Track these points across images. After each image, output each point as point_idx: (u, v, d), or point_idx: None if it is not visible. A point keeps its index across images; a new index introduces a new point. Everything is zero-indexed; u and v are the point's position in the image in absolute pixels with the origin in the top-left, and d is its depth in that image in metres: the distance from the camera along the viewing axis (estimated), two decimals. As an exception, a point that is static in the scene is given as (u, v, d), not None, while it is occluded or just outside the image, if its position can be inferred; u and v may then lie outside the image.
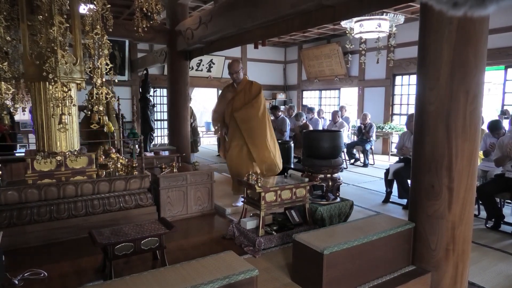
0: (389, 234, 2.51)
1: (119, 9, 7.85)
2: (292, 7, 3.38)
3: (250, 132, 3.88)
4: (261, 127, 3.90)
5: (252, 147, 3.88)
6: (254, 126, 3.89)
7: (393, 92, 9.53)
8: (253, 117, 3.90)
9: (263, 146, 3.89)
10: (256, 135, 3.89)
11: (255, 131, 3.89)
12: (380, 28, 5.59)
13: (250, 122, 3.89)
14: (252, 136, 3.89)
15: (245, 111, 3.92)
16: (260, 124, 3.89)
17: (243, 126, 3.88)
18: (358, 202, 4.82)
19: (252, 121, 3.89)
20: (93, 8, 3.21)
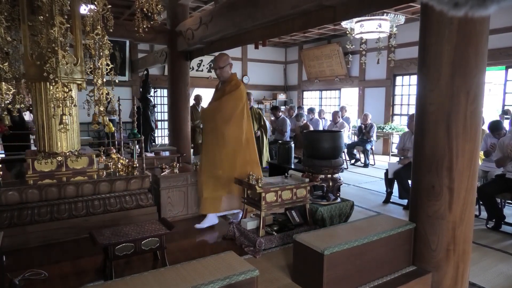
0: (390, 235, 2.51)
1: (120, 9, 7.86)
2: (293, 7, 3.38)
3: (214, 135, 3.31)
4: (229, 133, 3.25)
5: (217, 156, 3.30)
6: (212, 131, 3.31)
7: (393, 92, 9.52)
8: (210, 119, 3.33)
9: (229, 158, 3.29)
10: (223, 142, 3.26)
11: (216, 137, 3.28)
12: (381, 28, 5.59)
13: (206, 124, 3.38)
14: (216, 143, 3.29)
15: (210, 107, 3.40)
16: (229, 128, 3.25)
17: (213, 139, 3.32)
18: (358, 203, 4.82)
19: (208, 123, 3.36)
20: (94, 8, 3.21)
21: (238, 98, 3.29)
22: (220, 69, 3.38)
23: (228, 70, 3.40)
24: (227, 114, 3.24)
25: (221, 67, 3.38)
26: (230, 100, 3.26)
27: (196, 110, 7.88)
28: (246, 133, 3.37)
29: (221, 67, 3.38)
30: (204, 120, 3.47)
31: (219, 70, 3.39)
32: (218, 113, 3.26)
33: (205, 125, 3.36)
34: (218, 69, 3.39)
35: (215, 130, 3.27)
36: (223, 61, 3.40)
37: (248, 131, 3.40)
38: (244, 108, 3.34)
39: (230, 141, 3.25)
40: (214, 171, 3.30)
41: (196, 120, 7.60)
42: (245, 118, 3.33)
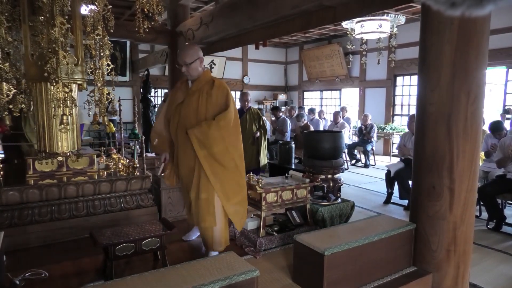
0: (390, 235, 2.51)
1: (120, 10, 7.87)
2: (293, 7, 3.38)
3: (212, 161, 2.55)
4: (230, 152, 2.61)
5: (216, 181, 2.57)
6: (220, 153, 2.55)
7: (394, 92, 9.52)
8: (218, 140, 2.53)
9: (232, 177, 2.64)
10: (224, 165, 2.58)
11: (222, 159, 2.57)
12: (381, 28, 5.59)
13: (213, 147, 2.52)
14: (215, 167, 2.56)
15: (206, 131, 2.52)
16: (229, 148, 2.59)
17: (201, 152, 2.52)
18: (359, 203, 4.82)
19: (217, 145, 2.52)
20: (95, 9, 3.22)
21: (234, 102, 2.67)
22: (186, 66, 2.60)
23: (197, 66, 2.63)
24: (236, 128, 2.66)
25: (188, 64, 2.60)
26: (233, 109, 2.62)
27: None
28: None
29: (188, 64, 2.60)
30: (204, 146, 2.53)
31: (186, 67, 2.61)
32: (226, 131, 2.55)
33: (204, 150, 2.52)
34: (184, 66, 2.60)
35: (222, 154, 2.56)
36: (190, 55, 2.60)
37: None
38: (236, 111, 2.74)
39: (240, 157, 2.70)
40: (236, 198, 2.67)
41: None
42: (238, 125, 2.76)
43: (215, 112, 2.57)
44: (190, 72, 2.64)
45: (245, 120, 5.31)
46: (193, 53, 2.63)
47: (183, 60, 2.61)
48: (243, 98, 5.53)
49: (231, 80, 11.67)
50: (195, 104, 2.60)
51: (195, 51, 2.66)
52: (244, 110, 5.41)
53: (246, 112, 5.42)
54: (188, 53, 2.63)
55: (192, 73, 2.65)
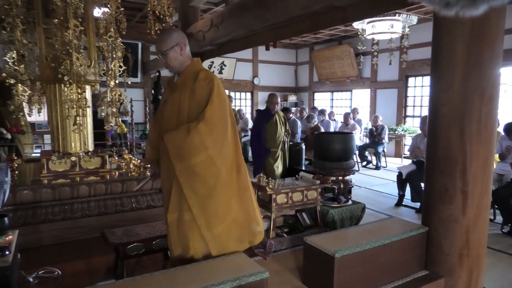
0: (402, 238, 2.48)
1: (132, 12, 7.96)
2: (303, 8, 3.37)
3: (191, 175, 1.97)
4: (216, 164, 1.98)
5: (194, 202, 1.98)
6: (201, 165, 1.96)
7: (406, 93, 9.42)
8: (199, 149, 1.94)
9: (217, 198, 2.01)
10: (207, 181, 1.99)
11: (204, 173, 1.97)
12: (393, 29, 5.54)
13: (192, 158, 1.94)
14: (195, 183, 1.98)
15: (183, 136, 1.95)
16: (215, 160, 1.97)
17: (178, 164, 1.98)
18: (370, 205, 4.77)
19: (197, 155, 1.94)
20: (107, 11, 3.27)
21: (224, 98, 2.06)
22: (163, 56, 2.10)
23: (177, 55, 2.07)
24: (221, 132, 2.01)
25: (164, 52, 2.08)
26: (219, 107, 2.00)
27: None
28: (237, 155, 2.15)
29: (164, 52, 2.08)
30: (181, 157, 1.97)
31: (163, 57, 2.12)
32: (209, 137, 1.95)
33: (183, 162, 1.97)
34: (161, 55, 2.12)
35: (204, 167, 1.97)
36: (165, 42, 2.07)
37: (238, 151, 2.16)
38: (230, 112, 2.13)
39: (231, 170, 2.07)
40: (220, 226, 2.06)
41: None
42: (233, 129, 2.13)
43: (199, 113, 1.98)
44: (168, 62, 2.10)
45: (274, 124, 5.04)
46: (168, 39, 2.06)
47: (158, 48, 2.12)
48: (272, 101, 5.14)
49: (241, 81, 11.69)
50: (177, 104, 2.07)
51: (171, 35, 2.08)
52: (272, 113, 5.11)
53: (275, 115, 5.12)
54: (163, 39, 2.09)
55: (172, 64, 2.10)
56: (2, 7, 2.95)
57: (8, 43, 3.08)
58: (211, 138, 1.96)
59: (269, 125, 5.01)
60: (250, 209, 2.16)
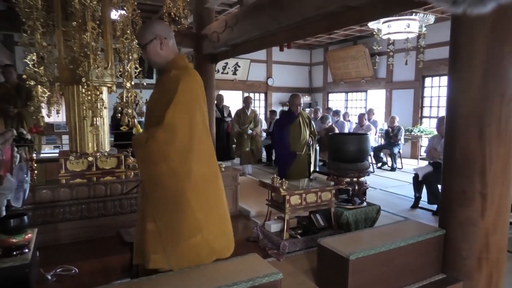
0: (418, 241, 2.44)
1: (148, 14, 8.06)
2: (318, 9, 3.35)
3: (155, 186, 1.83)
4: (178, 177, 1.78)
5: (158, 215, 1.82)
6: (161, 176, 1.79)
7: (422, 94, 9.26)
8: (158, 158, 1.77)
9: (179, 214, 1.81)
10: (169, 193, 1.81)
11: (166, 185, 1.80)
12: (409, 28, 5.45)
13: (152, 167, 1.80)
14: (159, 194, 1.82)
15: (143, 142, 1.81)
16: (177, 172, 1.78)
17: (142, 170, 1.90)
18: (385, 207, 4.71)
19: (156, 165, 1.78)
20: (124, 13, 3.32)
21: (192, 99, 1.79)
22: (143, 51, 1.92)
23: (156, 49, 1.86)
24: (186, 140, 1.76)
25: (143, 46, 1.90)
26: (183, 110, 1.75)
27: (245, 113, 6.94)
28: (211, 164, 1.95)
29: (143, 46, 1.90)
30: (144, 163, 1.85)
31: (143, 51, 1.93)
32: (169, 146, 1.74)
33: (146, 170, 1.85)
34: (142, 50, 1.95)
35: (165, 179, 1.79)
36: (142, 36, 1.90)
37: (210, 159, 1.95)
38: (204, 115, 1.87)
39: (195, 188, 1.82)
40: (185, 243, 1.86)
41: (243, 125, 6.80)
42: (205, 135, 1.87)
43: None
44: (148, 57, 1.91)
45: (298, 125, 4.75)
46: (146, 32, 1.87)
47: (139, 41, 1.95)
48: (294, 102, 4.83)
49: (255, 82, 11.70)
50: (152, 103, 1.91)
51: (149, 28, 1.89)
52: (295, 114, 4.81)
53: (298, 116, 4.81)
54: (140, 32, 1.95)
55: (152, 59, 1.91)
56: (23, 10, 3.02)
57: (29, 45, 3.16)
58: (171, 147, 1.74)
59: (292, 127, 4.74)
60: (222, 224, 1.96)
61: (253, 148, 6.70)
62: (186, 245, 1.85)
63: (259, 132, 6.86)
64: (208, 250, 1.91)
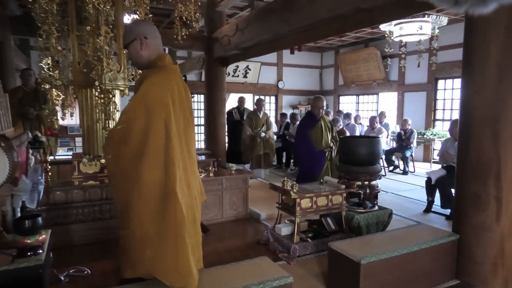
0: (431, 246, 2.40)
1: (160, 18, 8.15)
2: (329, 11, 3.35)
3: (113, 189, 1.86)
4: (127, 188, 1.69)
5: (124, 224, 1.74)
6: (117, 185, 1.77)
7: (435, 96, 9.14)
8: (112, 164, 1.78)
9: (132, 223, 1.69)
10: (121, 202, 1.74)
11: (124, 194, 1.72)
12: (422, 30, 5.39)
13: (109, 172, 1.90)
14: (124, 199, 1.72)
15: (110, 133, 1.88)
16: (127, 180, 1.69)
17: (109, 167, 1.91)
18: (397, 211, 4.65)
19: (110, 170, 1.85)
20: (136, 18, 3.36)
21: (154, 101, 1.68)
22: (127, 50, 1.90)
23: (137, 49, 1.81)
24: (138, 142, 1.65)
25: (125, 47, 1.89)
26: (139, 111, 1.67)
27: (257, 116, 6.68)
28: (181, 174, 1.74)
29: (125, 47, 1.89)
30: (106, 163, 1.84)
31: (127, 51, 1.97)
32: (123, 146, 1.68)
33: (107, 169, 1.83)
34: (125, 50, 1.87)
35: (119, 186, 1.75)
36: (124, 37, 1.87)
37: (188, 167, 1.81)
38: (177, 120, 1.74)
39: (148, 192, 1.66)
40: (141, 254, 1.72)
41: (256, 128, 6.54)
42: (173, 146, 1.69)
43: None
44: (131, 58, 1.89)
45: (319, 129, 4.50)
46: (127, 33, 1.84)
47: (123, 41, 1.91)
48: (317, 104, 4.55)
49: (265, 85, 11.71)
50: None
51: (130, 28, 1.85)
52: (317, 118, 4.55)
53: (320, 120, 4.55)
54: (124, 34, 1.90)
55: (133, 60, 1.89)
56: (38, 15, 3.09)
57: (44, 49, 3.23)
58: (125, 148, 1.66)
59: (314, 131, 4.50)
60: (180, 253, 1.70)
61: (267, 152, 6.48)
62: (138, 259, 1.69)
63: (271, 135, 6.61)
64: (163, 269, 1.69)
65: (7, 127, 2.95)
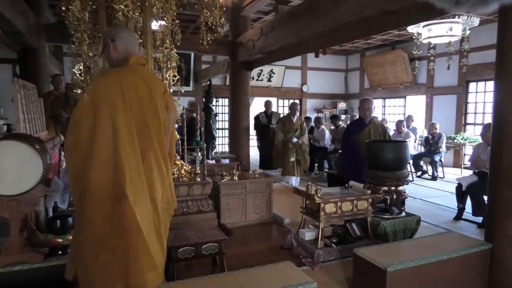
0: (462, 255, 2.31)
1: (186, 24, 8.31)
2: (354, 14, 3.31)
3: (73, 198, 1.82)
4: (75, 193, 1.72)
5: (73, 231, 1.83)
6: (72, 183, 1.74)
7: (466, 100, 8.82)
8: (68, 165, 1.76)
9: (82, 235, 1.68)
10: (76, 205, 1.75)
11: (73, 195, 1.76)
12: (452, 32, 5.23)
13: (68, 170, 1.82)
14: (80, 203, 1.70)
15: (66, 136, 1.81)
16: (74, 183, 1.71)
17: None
18: (425, 218, 4.51)
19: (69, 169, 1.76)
20: (164, 24, 3.45)
21: (99, 101, 1.67)
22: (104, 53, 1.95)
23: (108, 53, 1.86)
24: (84, 143, 1.65)
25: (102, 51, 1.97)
26: (84, 112, 1.68)
27: (290, 120, 6.15)
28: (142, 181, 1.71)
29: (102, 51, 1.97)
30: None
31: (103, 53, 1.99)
32: (74, 147, 1.70)
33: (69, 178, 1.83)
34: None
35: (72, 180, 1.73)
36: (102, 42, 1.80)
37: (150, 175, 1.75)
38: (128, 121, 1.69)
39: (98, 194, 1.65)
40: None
41: (288, 133, 6.04)
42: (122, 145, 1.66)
43: None
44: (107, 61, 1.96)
45: (367, 134, 4.05)
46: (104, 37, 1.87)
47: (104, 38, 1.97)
48: (364, 106, 4.13)
49: (290, 89, 11.69)
50: None
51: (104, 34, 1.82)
52: (366, 122, 4.13)
53: (369, 125, 4.12)
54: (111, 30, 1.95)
55: (108, 63, 1.93)
56: (71, 23, 3.23)
57: (76, 56, 3.36)
58: (75, 150, 1.68)
59: (361, 137, 4.02)
60: (131, 258, 1.66)
61: (299, 159, 5.99)
62: (92, 264, 1.66)
63: (305, 141, 6.11)
64: (120, 272, 1.66)
65: (41, 130, 3.09)
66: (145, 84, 1.78)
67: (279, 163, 6.18)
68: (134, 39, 1.92)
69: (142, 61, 1.89)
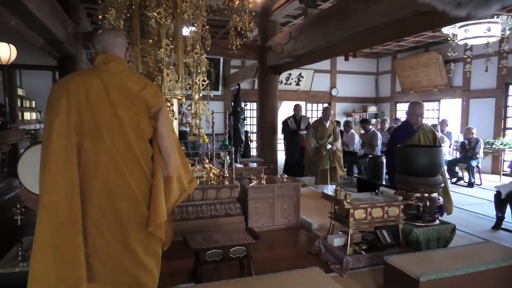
0: (501, 266, 2.19)
1: (215, 29, 8.45)
2: (385, 16, 3.24)
3: None
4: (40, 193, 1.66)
5: None
6: None
7: (506, 103, 8.40)
8: None
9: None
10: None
11: None
12: (490, 32, 5.00)
13: None
14: None
15: None
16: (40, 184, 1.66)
17: None
18: (461, 226, 4.32)
19: None
20: (194, 30, 3.53)
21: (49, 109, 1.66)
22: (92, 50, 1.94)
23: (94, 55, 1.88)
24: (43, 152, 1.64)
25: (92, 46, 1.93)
26: (45, 121, 1.69)
27: (323, 126, 5.73)
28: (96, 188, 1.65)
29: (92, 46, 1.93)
30: None
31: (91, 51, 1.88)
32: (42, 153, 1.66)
33: None
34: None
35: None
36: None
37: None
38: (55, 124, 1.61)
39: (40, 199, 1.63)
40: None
41: (321, 139, 5.65)
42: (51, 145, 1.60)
43: None
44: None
45: (416, 141, 3.74)
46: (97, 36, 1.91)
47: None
48: (414, 111, 3.81)
49: (318, 93, 11.59)
50: None
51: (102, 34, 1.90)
52: (414, 127, 3.80)
53: (418, 131, 3.78)
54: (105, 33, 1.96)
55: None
56: (107, 31, 3.36)
57: (111, 62, 3.48)
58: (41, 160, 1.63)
59: (410, 143, 3.71)
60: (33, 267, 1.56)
61: (334, 165, 5.62)
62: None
63: (339, 147, 5.76)
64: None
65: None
66: (101, 83, 1.69)
67: (312, 170, 5.84)
68: (113, 39, 1.85)
69: (108, 59, 1.79)
